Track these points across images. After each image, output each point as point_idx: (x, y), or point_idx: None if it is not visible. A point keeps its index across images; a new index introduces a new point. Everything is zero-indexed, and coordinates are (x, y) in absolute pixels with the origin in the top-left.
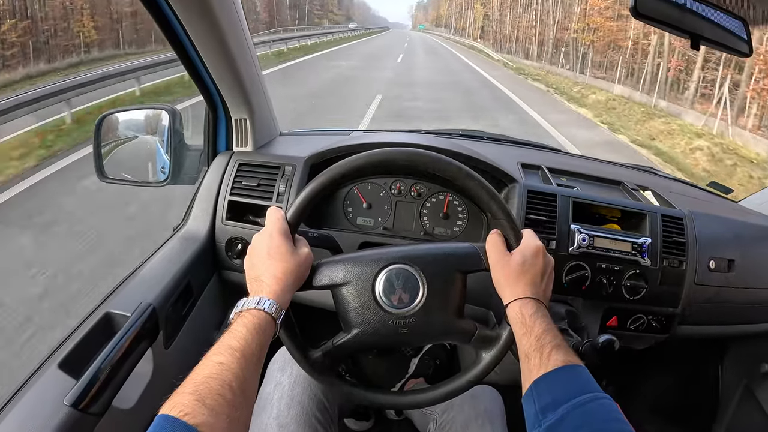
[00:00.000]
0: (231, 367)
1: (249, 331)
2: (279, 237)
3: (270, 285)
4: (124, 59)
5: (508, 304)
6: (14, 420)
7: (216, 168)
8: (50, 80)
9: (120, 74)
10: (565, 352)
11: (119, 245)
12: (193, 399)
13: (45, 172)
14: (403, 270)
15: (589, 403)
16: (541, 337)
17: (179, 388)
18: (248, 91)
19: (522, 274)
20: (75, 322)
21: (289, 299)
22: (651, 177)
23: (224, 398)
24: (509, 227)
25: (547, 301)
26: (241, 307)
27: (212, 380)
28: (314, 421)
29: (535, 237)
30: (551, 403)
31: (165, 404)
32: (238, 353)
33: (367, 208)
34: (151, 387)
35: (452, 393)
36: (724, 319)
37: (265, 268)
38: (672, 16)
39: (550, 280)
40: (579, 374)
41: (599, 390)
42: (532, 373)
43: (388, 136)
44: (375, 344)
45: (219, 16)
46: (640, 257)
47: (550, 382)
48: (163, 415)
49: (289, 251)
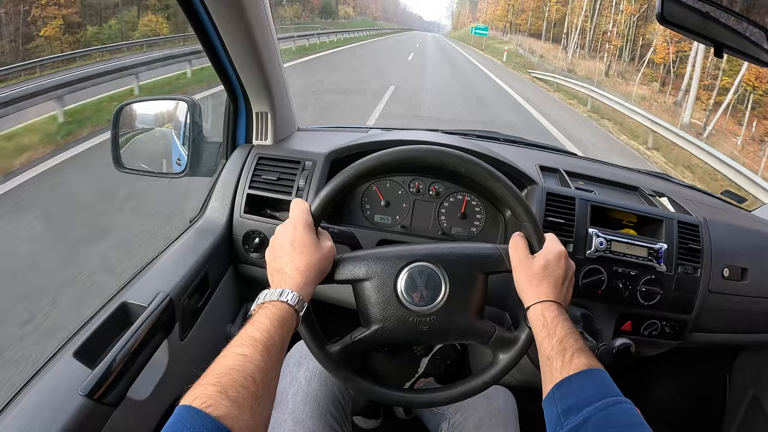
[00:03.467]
0: (254, 358)
1: (272, 323)
2: (303, 229)
3: (293, 277)
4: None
5: (529, 307)
6: (29, 407)
7: (235, 161)
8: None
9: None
10: (587, 356)
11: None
12: (215, 390)
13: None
14: (426, 268)
15: (611, 407)
16: (563, 340)
17: (201, 379)
18: (271, 85)
19: (545, 278)
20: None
21: (311, 292)
22: (666, 183)
23: (247, 390)
24: (533, 230)
25: (567, 305)
26: (264, 298)
27: (235, 372)
28: (329, 417)
29: (557, 241)
30: (574, 406)
31: (186, 395)
32: (260, 345)
33: (385, 205)
34: (167, 378)
35: (467, 393)
36: (735, 328)
37: (288, 260)
38: (696, 24)
39: (571, 285)
40: (601, 378)
41: (620, 394)
42: (554, 375)
43: (408, 134)
44: (394, 341)
45: (248, 9)
46: (656, 263)
47: (573, 385)
48: (184, 406)
49: (313, 244)
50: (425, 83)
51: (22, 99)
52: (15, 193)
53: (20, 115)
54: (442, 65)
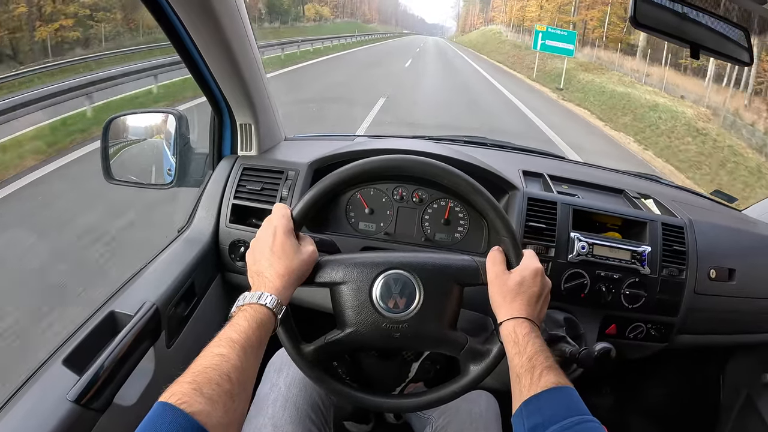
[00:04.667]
0: (230, 358)
1: (250, 325)
2: (283, 234)
3: (272, 281)
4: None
5: (502, 323)
6: (18, 413)
7: (221, 172)
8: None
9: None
10: (556, 374)
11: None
12: (191, 388)
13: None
14: (402, 276)
15: (577, 425)
16: (532, 357)
17: (179, 378)
18: (252, 96)
19: (519, 294)
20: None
21: (289, 296)
22: (654, 185)
23: (222, 388)
24: (512, 246)
25: (540, 322)
26: (243, 301)
27: (211, 370)
28: (308, 422)
29: (535, 258)
30: (540, 424)
31: (164, 393)
32: (237, 346)
33: (369, 213)
34: (153, 385)
35: (437, 401)
36: (724, 329)
37: (268, 264)
38: (672, 25)
39: (546, 303)
40: (569, 396)
41: (588, 413)
42: (523, 393)
43: (393, 143)
44: (366, 345)
45: (223, 22)
46: (640, 266)
47: (540, 402)
48: (161, 403)
49: (293, 249)
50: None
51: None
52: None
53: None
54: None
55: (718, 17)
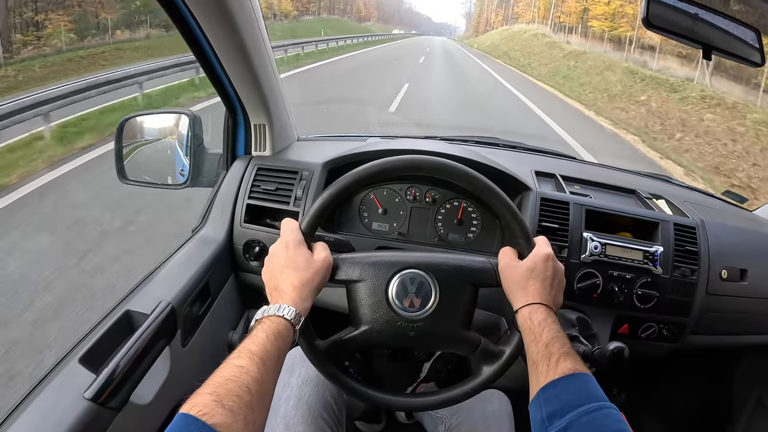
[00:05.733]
0: (250, 370)
1: (268, 336)
2: (294, 248)
3: (289, 294)
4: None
5: (517, 310)
6: (36, 410)
7: (235, 172)
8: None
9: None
10: (573, 360)
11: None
12: (211, 399)
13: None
14: (419, 275)
15: (596, 412)
16: (549, 344)
17: (199, 389)
18: (267, 97)
19: (531, 279)
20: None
21: (308, 307)
22: (666, 185)
23: (242, 400)
24: (526, 248)
25: (557, 307)
26: (262, 314)
27: (231, 382)
28: (320, 421)
29: (546, 244)
30: (558, 410)
31: (185, 404)
32: (256, 357)
33: (383, 213)
34: (168, 384)
35: (448, 401)
36: (736, 329)
37: (283, 278)
38: (684, 27)
39: (561, 287)
40: (586, 383)
41: (606, 399)
42: (540, 380)
43: (405, 143)
44: (381, 343)
45: (239, 21)
46: (652, 266)
47: (558, 389)
48: (182, 414)
49: (306, 261)
50: None
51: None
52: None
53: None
54: None
55: (730, 18)
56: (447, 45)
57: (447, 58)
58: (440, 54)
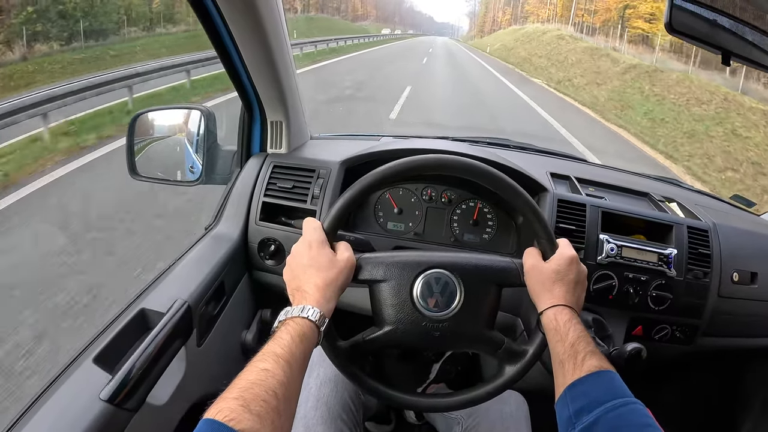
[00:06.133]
0: (275, 373)
1: (293, 338)
2: (318, 247)
3: (312, 294)
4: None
5: (543, 311)
6: (51, 411)
7: (250, 169)
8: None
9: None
10: (598, 358)
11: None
12: (238, 404)
13: None
14: (443, 275)
15: (622, 407)
16: (575, 343)
17: (224, 393)
18: (285, 94)
19: (557, 282)
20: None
21: (332, 307)
22: (675, 189)
23: (269, 404)
24: (549, 248)
25: (579, 308)
26: (285, 315)
27: (257, 386)
28: (340, 422)
29: (570, 247)
30: (585, 407)
31: (210, 409)
32: (282, 360)
33: (398, 213)
34: (184, 384)
35: (471, 402)
36: (747, 332)
37: (306, 279)
38: (704, 32)
39: (584, 289)
40: (612, 379)
41: (631, 395)
42: (566, 378)
43: (419, 143)
44: (405, 343)
45: (263, 16)
46: (666, 268)
47: (585, 386)
48: (208, 420)
49: (329, 260)
50: None
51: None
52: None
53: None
54: None
55: (750, 26)
56: (450, 47)
57: (453, 71)
58: (443, 70)
